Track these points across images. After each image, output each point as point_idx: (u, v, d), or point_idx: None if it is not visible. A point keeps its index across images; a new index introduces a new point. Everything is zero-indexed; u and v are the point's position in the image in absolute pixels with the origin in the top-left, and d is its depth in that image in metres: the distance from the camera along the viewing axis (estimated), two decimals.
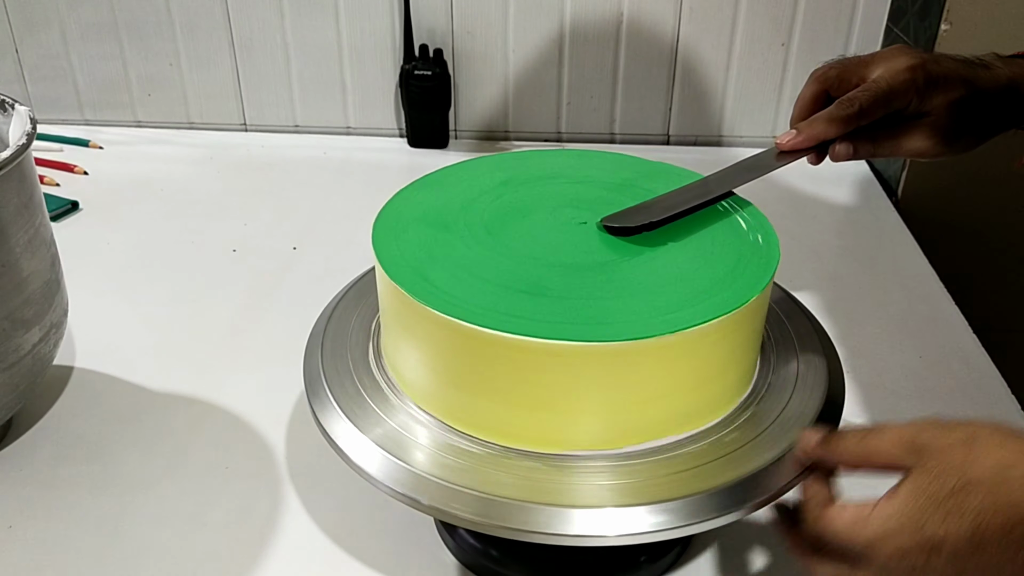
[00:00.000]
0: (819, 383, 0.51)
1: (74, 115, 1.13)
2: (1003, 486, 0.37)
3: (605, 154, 0.62)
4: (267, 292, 0.80)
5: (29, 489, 0.59)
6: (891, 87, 0.56)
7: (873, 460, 0.41)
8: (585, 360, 0.43)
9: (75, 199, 0.94)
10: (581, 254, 0.49)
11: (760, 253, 0.49)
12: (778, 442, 0.46)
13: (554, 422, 0.45)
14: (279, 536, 0.55)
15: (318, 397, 0.50)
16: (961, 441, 0.38)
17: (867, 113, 0.57)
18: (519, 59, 1.05)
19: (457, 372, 0.46)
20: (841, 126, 0.57)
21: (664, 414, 0.46)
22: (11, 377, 0.57)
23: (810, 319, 0.57)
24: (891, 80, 0.57)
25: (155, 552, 0.54)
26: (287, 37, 1.05)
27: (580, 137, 1.10)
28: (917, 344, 0.74)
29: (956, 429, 0.39)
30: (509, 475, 0.44)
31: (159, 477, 0.60)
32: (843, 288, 0.81)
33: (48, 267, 0.59)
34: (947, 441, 0.39)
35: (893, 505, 0.39)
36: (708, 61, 1.04)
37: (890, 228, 0.92)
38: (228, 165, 1.04)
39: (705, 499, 0.43)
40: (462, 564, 0.54)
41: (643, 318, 0.44)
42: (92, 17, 1.06)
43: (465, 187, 0.56)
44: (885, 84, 0.57)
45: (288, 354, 0.60)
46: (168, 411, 0.66)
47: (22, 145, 0.54)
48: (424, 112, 1.06)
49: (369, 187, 1.00)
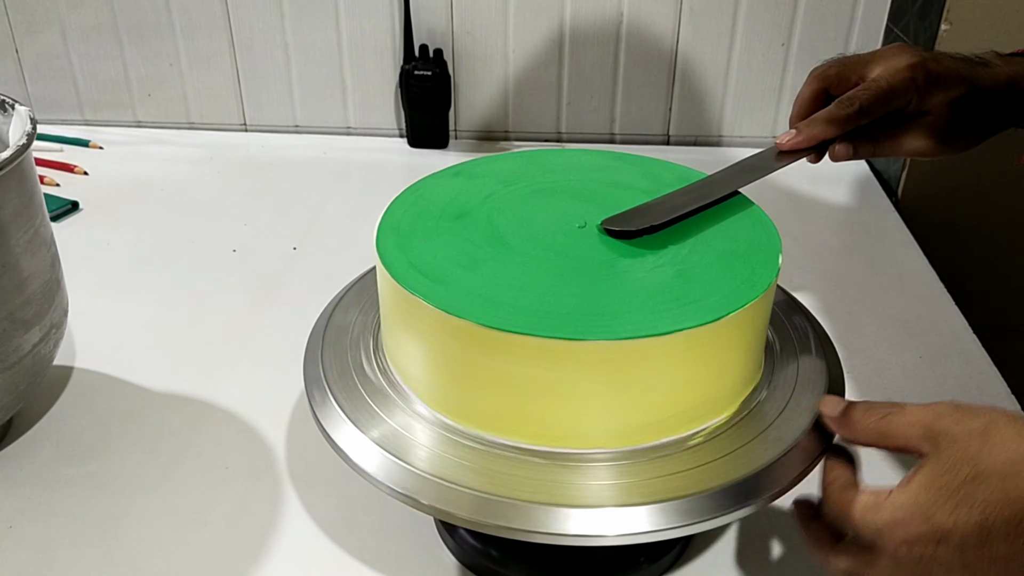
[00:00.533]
0: (819, 383, 0.51)
1: (74, 115, 1.13)
2: (1013, 479, 0.37)
3: (612, 154, 0.62)
4: (267, 292, 0.80)
5: (29, 489, 0.59)
6: (891, 86, 0.56)
7: (890, 441, 0.41)
8: (587, 359, 0.43)
9: (75, 199, 0.94)
10: (584, 254, 0.49)
11: (762, 254, 0.49)
12: (778, 442, 0.46)
13: (555, 421, 0.45)
14: (279, 536, 0.55)
15: (318, 397, 0.50)
16: (978, 431, 0.38)
17: (867, 112, 0.56)
18: (519, 59, 1.05)
19: (458, 370, 0.46)
20: (841, 125, 0.57)
21: (665, 414, 0.46)
22: (11, 377, 0.57)
23: (810, 319, 0.57)
24: (891, 79, 0.56)
25: (155, 552, 0.54)
26: (287, 37, 1.05)
27: (580, 137, 1.10)
28: (917, 344, 0.74)
29: (975, 417, 0.39)
30: (509, 475, 0.44)
31: (159, 477, 0.60)
32: (843, 288, 0.81)
33: (48, 267, 0.59)
34: (964, 429, 0.39)
35: (906, 494, 0.39)
36: (708, 61, 1.04)
37: (890, 228, 0.92)
38: (228, 165, 1.04)
39: (705, 499, 0.43)
40: (462, 564, 0.54)
41: (645, 317, 0.44)
42: (92, 17, 1.06)
43: (471, 185, 0.56)
44: (885, 83, 0.56)
45: (288, 354, 0.60)
46: (168, 411, 0.66)
47: (22, 145, 0.54)
48: (424, 112, 1.06)
49: (369, 187, 1.00)
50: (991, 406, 0.40)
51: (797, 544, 0.55)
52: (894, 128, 0.58)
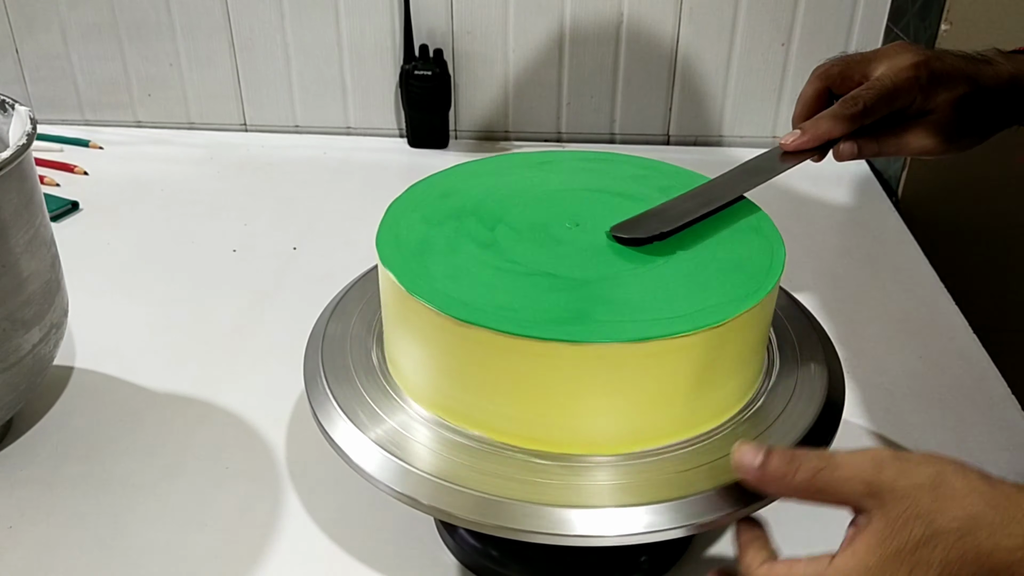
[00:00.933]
0: (819, 384, 0.51)
1: (74, 115, 1.13)
2: (970, 537, 0.35)
3: (618, 155, 0.61)
4: (267, 292, 0.80)
5: (29, 489, 0.59)
6: (895, 84, 0.56)
7: (825, 498, 0.38)
8: (589, 361, 0.43)
9: (75, 199, 0.94)
10: (588, 258, 0.49)
11: (765, 259, 0.49)
12: (778, 443, 0.46)
13: (556, 423, 0.45)
14: (279, 536, 0.55)
15: (318, 397, 0.50)
16: (927, 485, 0.36)
17: (871, 111, 0.56)
18: (519, 59, 1.05)
19: (459, 372, 0.46)
20: (846, 125, 0.56)
21: (667, 417, 0.46)
22: (11, 377, 0.57)
23: (810, 319, 0.57)
24: (895, 77, 0.56)
25: (155, 552, 0.54)
26: (287, 37, 1.05)
27: (580, 137, 1.10)
28: (917, 344, 0.74)
29: (919, 467, 0.36)
30: (509, 475, 0.44)
31: (159, 477, 0.60)
32: (843, 288, 0.81)
33: (48, 267, 0.59)
34: (911, 483, 0.36)
35: (852, 559, 0.36)
36: (708, 61, 1.04)
37: (890, 228, 0.92)
38: (228, 165, 1.04)
39: (705, 499, 0.43)
40: (462, 564, 0.54)
41: (647, 321, 0.44)
42: (92, 17, 1.06)
43: (472, 186, 0.56)
44: (889, 82, 0.56)
45: (288, 354, 0.60)
46: (168, 411, 0.66)
47: (22, 145, 0.54)
48: (424, 112, 1.06)
49: (369, 187, 1.00)
50: (931, 454, 0.37)
51: (798, 545, 0.55)
52: (898, 127, 0.57)
